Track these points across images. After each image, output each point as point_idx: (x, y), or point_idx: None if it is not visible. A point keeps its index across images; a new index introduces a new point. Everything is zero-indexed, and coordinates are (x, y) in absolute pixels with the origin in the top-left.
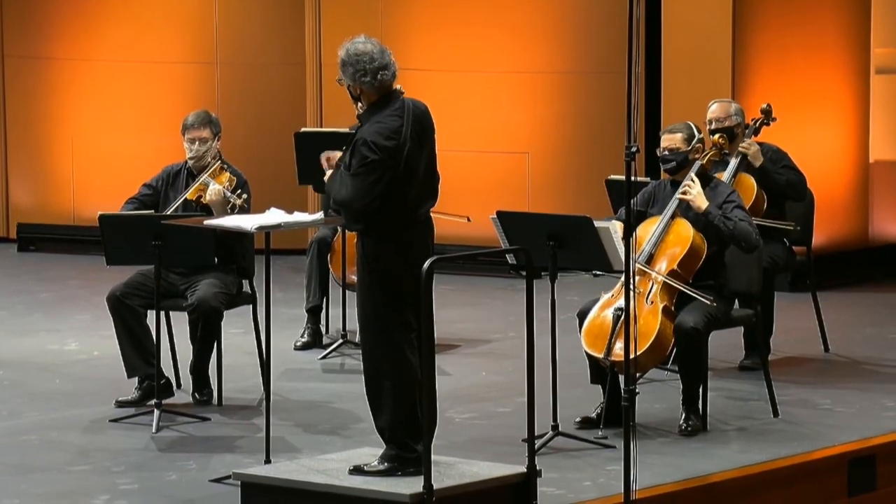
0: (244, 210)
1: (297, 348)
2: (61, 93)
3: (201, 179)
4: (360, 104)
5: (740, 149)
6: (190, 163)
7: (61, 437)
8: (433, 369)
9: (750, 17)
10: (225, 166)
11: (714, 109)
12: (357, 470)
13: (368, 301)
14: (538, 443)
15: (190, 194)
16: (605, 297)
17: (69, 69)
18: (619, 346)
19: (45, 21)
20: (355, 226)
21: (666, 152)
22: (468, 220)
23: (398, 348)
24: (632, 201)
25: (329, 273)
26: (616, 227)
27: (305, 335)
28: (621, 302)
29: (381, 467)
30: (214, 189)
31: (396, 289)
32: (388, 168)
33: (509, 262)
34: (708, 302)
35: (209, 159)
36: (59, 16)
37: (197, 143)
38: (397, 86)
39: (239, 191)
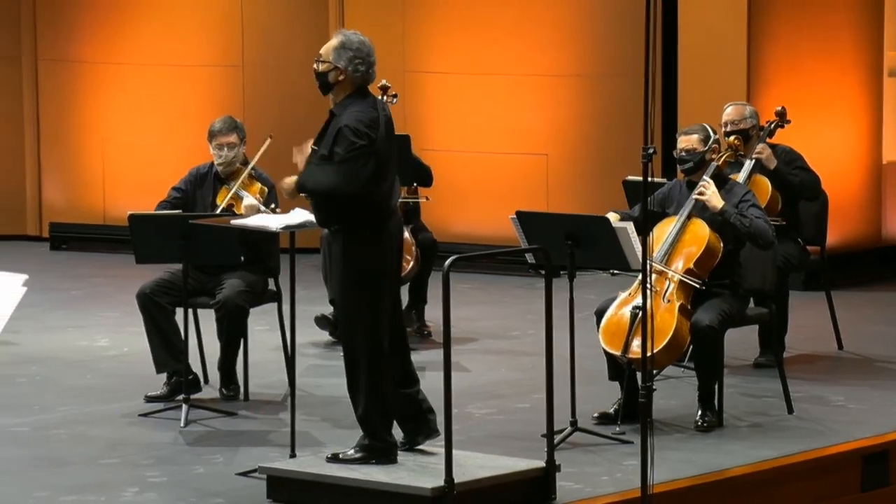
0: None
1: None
2: (92, 95)
3: (234, 190)
4: (331, 94)
5: (754, 155)
6: (219, 168)
7: (91, 432)
8: (449, 367)
9: (764, 19)
10: (254, 173)
11: (729, 112)
12: (334, 458)
13: (347, 297)
14: (557, 438)
15: (224, 202)
16: (622, 296)
17: (99, 72)
18: (636, 343)
19: (77, 25)
20: (331, 225)
21: (683, 153)
22: (426, 199)
23: (376, 342)
24: (648, 201)
25: None
26: (631, 227)
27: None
28: (638, 300)
29: (356, 456)
30: (249, 204)
31: (377, 281)
32: (372, 154)
33: (528, 261)
34: (696, 285)
35: (237, 164)
36: (89, 20)
37: (225, 148)
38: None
39: (273, 205)
